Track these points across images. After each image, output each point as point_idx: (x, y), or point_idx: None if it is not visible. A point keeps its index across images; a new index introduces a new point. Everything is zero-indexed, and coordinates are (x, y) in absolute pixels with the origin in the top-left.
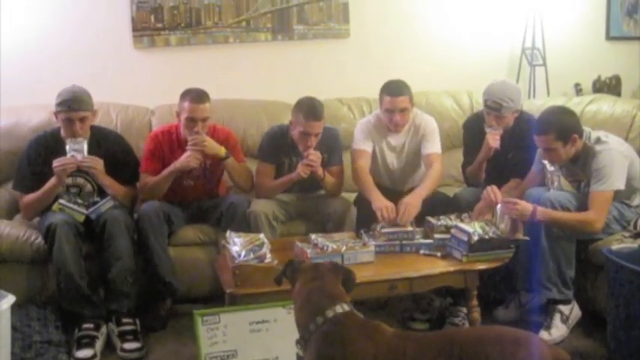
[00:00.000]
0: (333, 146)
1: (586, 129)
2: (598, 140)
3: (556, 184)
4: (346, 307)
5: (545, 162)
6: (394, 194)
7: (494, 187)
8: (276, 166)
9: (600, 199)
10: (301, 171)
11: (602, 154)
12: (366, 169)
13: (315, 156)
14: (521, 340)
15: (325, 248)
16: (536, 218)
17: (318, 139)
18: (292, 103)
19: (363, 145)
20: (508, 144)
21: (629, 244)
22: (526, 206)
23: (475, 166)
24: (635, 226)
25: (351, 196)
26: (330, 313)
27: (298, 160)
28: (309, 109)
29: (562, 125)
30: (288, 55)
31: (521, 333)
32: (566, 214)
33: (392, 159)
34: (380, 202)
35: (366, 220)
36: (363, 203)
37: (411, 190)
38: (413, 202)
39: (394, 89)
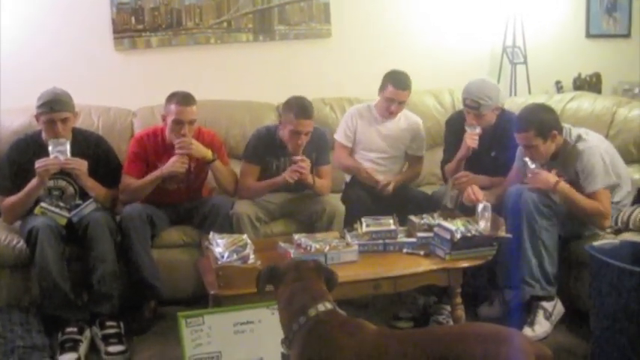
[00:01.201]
0: (321, 146)
1: (566, 126)
2: (579, 138)
3: None
4: (329, 306)
5: (527, 159)
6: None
7: (475, 187)
8: (261, 167)
9: (600, 198)
10: (288, 176)
11: (585, 154)
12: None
13: (305, 162)
14: (504, 337)
15: (308, 248)
16: (557, 190)
17: (307, 139)
18: (274, 103)
19: (345, 140)
20: (490, 142)
21: (611, 240)
22: (550, 177)
23: (453, 165)
24: (616, 222)
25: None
26: (312, 312)
27: (286, 162)
28: (299, 107)
29: (541, 122)
30: (269, 55)
31: (503, 330)
32: (583, 198)
33: (381, 146)
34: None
35: (353, 217)
36: (350, 200)
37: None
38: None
39: (401, 82)
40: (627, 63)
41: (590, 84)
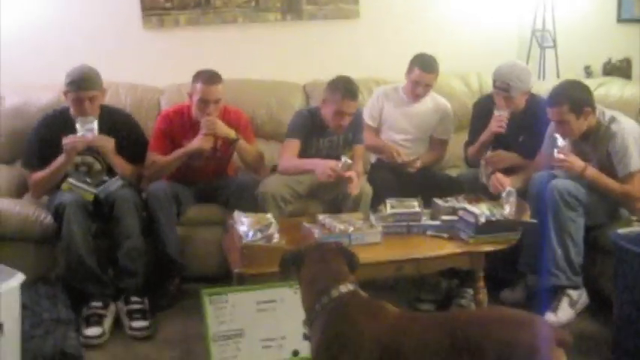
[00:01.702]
0: (357, 125)
1: (600, 107)
2: (613, 119)
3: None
4: (351, 287)
5: (557, 136)
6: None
7: (500, 176)
8: (303, 144)
9: (634, 180)
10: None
11: (619, 135)
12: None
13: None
14: (525, 322)
15: (332, 229)
16: (585, 176)
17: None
18: (301, 83)
19: (371, 120)
20: (519, 127)
21: (637, 228)
22: (578, 162)
23: (476, 147)
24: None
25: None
26: (335, 293)
27: (325, 143)
28: (346, 88)
29: (576, 97)
30: (297, 35)
31: (525, 315)
32: (613, 182)
33: (407, 127)
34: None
35: (379, 199)
36: (376, 182)
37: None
38: None
39: (427, 65)
40: None
41: (620, 69)
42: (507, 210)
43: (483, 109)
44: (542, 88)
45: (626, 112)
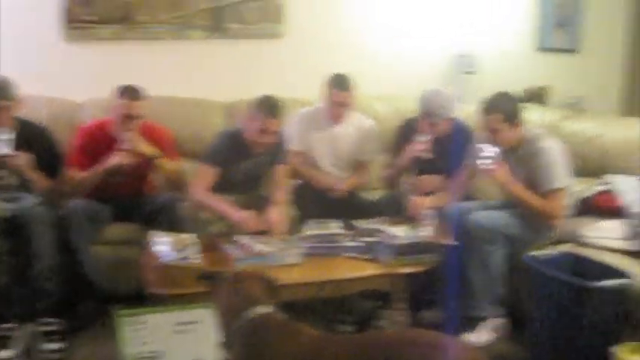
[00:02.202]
0: (280, 146)
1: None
2: (540, 136)
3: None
4: (267, 309)
5: (486, 146)
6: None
7: (418, 200)
8: (222, 171)
9: (556, 197)
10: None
11: (546, 151)
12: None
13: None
14: (440, 344)
15: (252, 249)
16: (510, 190)
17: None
18: (226, 102)
19: (298, 145)
20: (442, 151)
21: (550, 252)
22: (505, 176)
23: (393, 171)
24: (555, 234)
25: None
26: (250, 315)
27: (250, 165)
28: (270, 106)
29: (510, 108)
30: (222, 54)
31: (440, 336)
32: (536, 198)
33: (329, 150)
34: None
35: (301, 221)
36: (299, 204)
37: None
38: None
39: (342, 83)
40: (574, 77)
41: (537, 96)
42: (428, 232)
43: (406, 132)
44: (464, 112)
45: None
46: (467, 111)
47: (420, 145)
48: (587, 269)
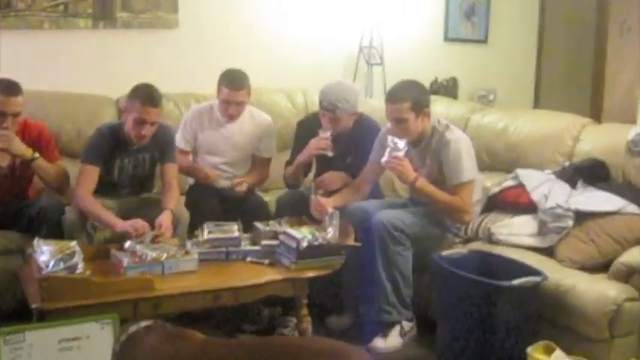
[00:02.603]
0: (166, 142)
1: (434, 115)
2: (447, 127)
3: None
4: (149, 322)
5: (394, 139)
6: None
7: (319, 198)
8: (103, 169)
9: (463, 191)
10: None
11: (453, 143)
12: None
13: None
14: (340, 354)
15: (144, 257)
16: (416, 186)
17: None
18: (113, 97)
19: (184, 144)
20: (346, 148)
21: (459, 250)
22: (410, 170)
23: (292, 168)
24: (465, 232)
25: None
26: (133, 328)
27: (130, 163)
28: (147, 94)
29: (417, 96)
30: (110, 45)
31: (342, 346)
32: (442, 193)
33: (225, 149)
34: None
35: (198, 223)
36: (194, 205)
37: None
38: None
39: (235, 82)
40: (483, 69)
41: (446, 88)
42: (331, 233)
43: (308, 128)
44: (370, 105)
45: None
46: (373, 105)
47: (321, 142)
48: (498, 268)
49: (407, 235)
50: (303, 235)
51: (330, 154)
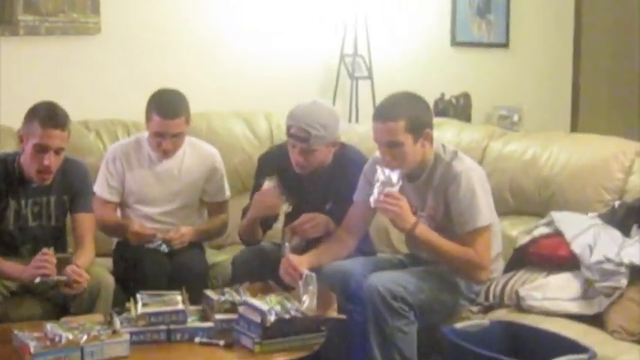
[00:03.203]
0: (80, 181)
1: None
2: (455, 156)
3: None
4: None
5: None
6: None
7: (291, 259)
8: None
9: (481, 240)
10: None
11: (464, 177)
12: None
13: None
14: None
15: (57, 339)
16: (415, 234)
17: (58, 168)
18: (15, 126)
19: (108, 193)
20: (324, 190)
21: (478, 321)
22: (408, 212)
23: (244, 223)
24: (486, 297)
25: (107, 261)
26: None
27: (28, 204)
28: (47, 112)
29: (416, 114)
30: (9, 58)
31: None
32: (450, 244)
33: (161, 195)
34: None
35: (127, 292)
36: (123, 267)
37: None
38: None
39: (168, 107)
40: (504, 81)
41: (456, 108)
42: (306, 303)
43: (271, 164)
44: (354, 132)
45: None
46: (358, 132)
47: (266, 198)
48: (530, 343)
49: (410, 305)
50: (270, 306)
51: (285, 209)
